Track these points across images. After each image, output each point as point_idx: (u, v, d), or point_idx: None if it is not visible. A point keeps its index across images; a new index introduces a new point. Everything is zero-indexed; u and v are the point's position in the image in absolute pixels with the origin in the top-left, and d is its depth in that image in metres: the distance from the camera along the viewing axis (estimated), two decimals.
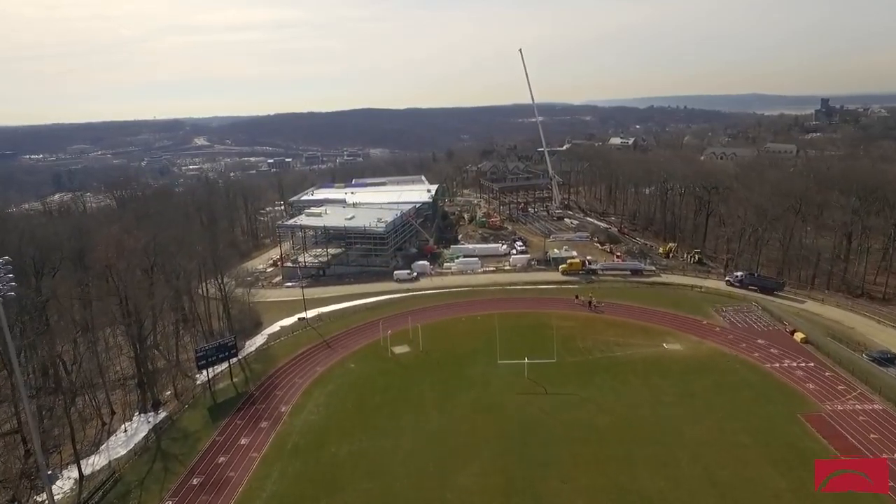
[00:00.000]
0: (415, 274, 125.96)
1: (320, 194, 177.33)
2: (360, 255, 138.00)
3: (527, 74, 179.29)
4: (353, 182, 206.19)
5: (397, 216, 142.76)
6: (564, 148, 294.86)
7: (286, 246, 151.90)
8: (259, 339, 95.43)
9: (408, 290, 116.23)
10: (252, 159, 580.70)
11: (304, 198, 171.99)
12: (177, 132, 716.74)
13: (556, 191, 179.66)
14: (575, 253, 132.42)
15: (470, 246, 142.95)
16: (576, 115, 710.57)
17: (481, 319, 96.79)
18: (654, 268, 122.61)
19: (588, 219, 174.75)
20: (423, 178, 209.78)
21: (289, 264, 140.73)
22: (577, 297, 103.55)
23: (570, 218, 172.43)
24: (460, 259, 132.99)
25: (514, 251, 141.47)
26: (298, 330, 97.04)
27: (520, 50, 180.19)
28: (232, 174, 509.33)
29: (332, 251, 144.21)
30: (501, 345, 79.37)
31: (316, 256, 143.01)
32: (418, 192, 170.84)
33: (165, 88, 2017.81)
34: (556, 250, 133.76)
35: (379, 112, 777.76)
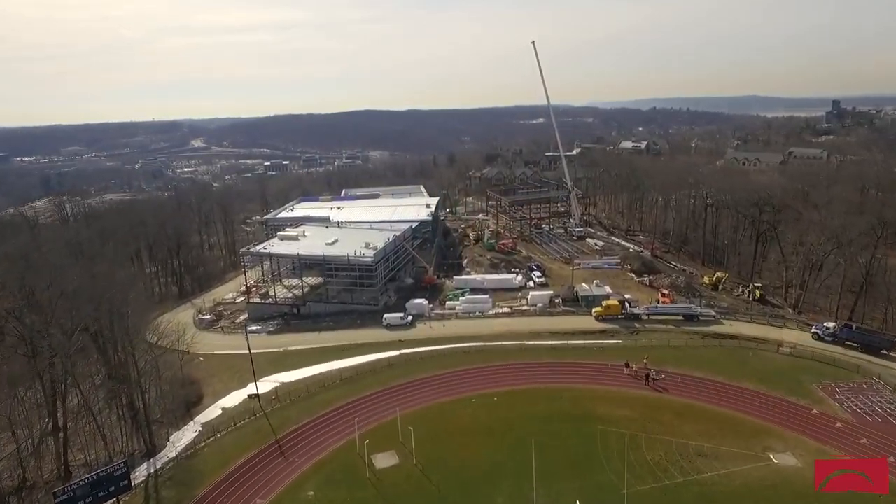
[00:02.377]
0: (409, 318, 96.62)
1: (302, 209, 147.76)
2: (343, 288, 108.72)
3: (540, 69, 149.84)
4: (343, 194, 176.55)
5: (389, 241, 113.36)
6: (575, 152, 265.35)
7: (260, 273, 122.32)
8: (187, 434, 66.03)
9: (399, 344, 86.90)
10: (249, 161, 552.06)
11: (283, 214, 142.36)
12: (174, 134, 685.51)
13: (576, 205, 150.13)
14: (609, 289, 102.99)
15: (478, 277, 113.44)
16: (577, 117, 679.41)
17: (499, 402, 67.58)
18: (713, 312, 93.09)
19: (613, 238, 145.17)
20: (421, 188, 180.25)
21: (256, 300, 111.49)
22: (627, 365, 74.12)
23: (592, 237, 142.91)
24: (466, 297, 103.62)
25: (532, 283, 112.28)
26: (244, 420, 67.54)
27: (532, 42, 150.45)
28: (227, 177, 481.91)
29: (310, 280, 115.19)
30: (534, 457, 50.00)
31: (290, 288, 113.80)
32: (415, 208, 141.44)
33: (166, 89, 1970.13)
34: (584, 285, 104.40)
35: (379, 113, 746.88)
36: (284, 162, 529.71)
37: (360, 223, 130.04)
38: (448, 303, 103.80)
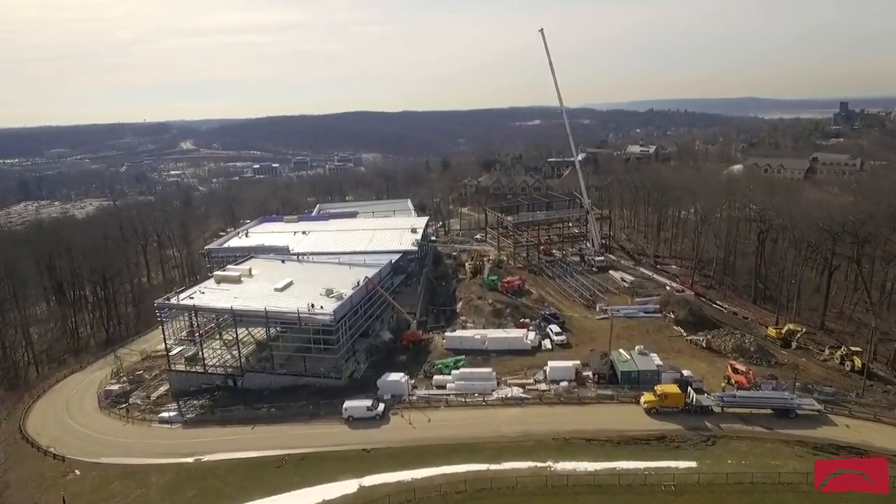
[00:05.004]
0: (380, 408, 65.85)
1: (260, 233, 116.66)
2: (295, 351, 78.08)
3: (550, 60, 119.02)
4: (316, 211, 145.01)
5: (359, 285, 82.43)
6: (580, 158, 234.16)
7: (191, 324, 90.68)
8: None
9: (361, 462, 56.47)
10: (238, 164, 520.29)
11: (234, 242, 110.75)
12: (163, 135, 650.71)
13: (595, 227, 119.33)
14: (656, 359, 72.39)
15: (477, 335, 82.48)
16: (573, 119, 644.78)
17: None
18: (817, 405, 62.48)
19: (641, 269, 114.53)
20: (408, 203, 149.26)
21: (180, 367, 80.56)
22: None
23: (616, 268, 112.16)
24: (462, 370, 72.86)
25: (548, 342, 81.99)
26: None
27: (540, 30, 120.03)
28: (214, 180, 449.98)
29: (258, 332, 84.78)
30: None
31: (228, 346, 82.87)
32: (398, 233, 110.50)
33: (162, 90, 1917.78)
34: (622, 352, 73.75)
35: (373, 115, 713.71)
36: (274, 165, 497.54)
37: (327, 255, 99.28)
38: (437, 377, 73.10)
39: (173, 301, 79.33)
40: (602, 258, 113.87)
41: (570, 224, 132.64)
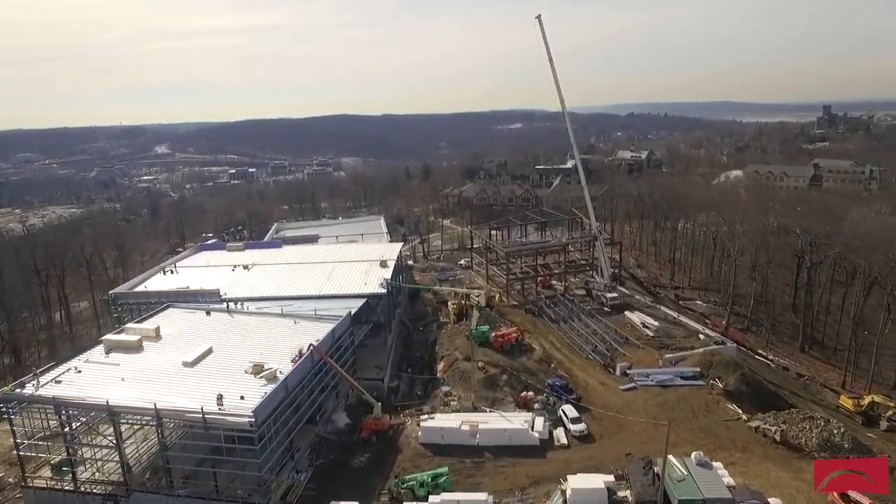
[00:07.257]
0: None
1: (190, 268, 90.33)
2: (201, 463, 52.61)
3: (548, 49, 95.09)
4: (272, 235, 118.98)
5: (300, 358, 56.93)
6: (570, 165, 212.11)
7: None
8: None
9: None
10: (214, 169, 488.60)
11: (152, 283, 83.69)
12: (137, 139, 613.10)
13: (605, 259, 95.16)
14: (726, 476, 48.40)
15: (463, 424, 57.54)
16: (555, 123, 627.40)
17: None
18: None
19: (663, 308, 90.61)
20: (381, 222, 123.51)
21: (39, 482, 54.62)
22: None
23: (632, 307, 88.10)
24: (444, 496, 47.94)
25: (562, 431, 57.98)
26: None
27: (538, 17, 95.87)
28: (188, 186, 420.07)
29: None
30: None
31: (119, 445, 56.84)
32: (365, 267, 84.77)
33: (150, 93, 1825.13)
34: (675, 463, 49.15)
35: (355, 118, 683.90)
36: (251, 169, 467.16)
37: (269, 301, 73.81)
38: None
39: (28, 390, 53.20)
40: (615, 294, 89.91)
41: (569, 246, 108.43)
